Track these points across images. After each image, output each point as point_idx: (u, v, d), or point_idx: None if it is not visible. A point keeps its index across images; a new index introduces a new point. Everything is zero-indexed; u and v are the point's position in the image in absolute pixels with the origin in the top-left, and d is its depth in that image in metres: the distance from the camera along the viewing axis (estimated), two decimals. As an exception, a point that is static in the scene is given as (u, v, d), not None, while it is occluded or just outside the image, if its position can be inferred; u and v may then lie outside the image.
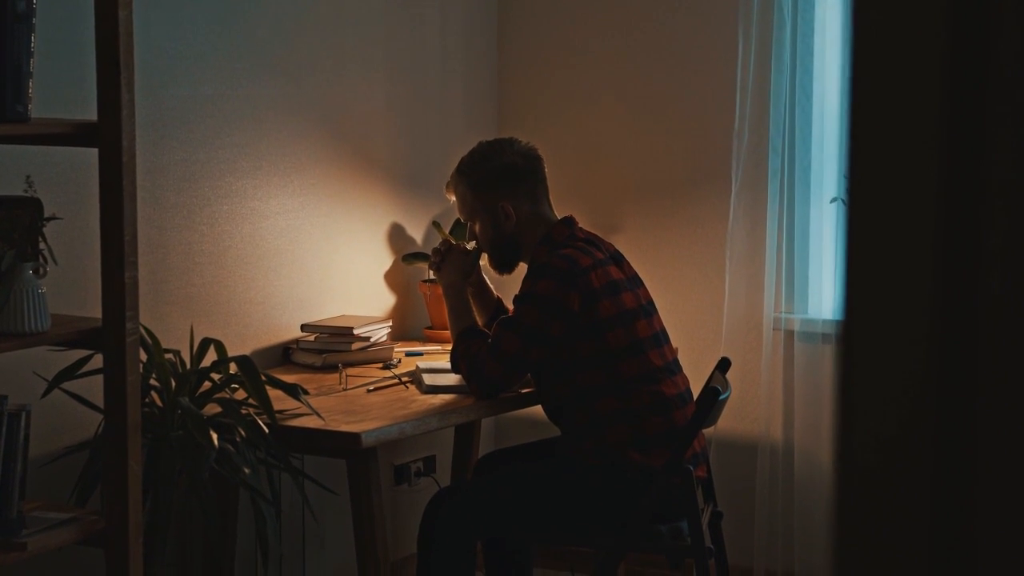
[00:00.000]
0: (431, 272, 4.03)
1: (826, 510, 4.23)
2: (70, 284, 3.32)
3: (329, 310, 4.19)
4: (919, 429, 0.70)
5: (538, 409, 3.71)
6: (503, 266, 3.72)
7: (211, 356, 3.37)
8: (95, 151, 2.87)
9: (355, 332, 4.02)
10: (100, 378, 2.94)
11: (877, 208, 0.69)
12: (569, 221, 3.65)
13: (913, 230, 0.69)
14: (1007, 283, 0.68)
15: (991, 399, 0.69)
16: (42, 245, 2.90)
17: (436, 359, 4.05)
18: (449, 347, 3.75)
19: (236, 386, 3.33)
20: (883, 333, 0.70)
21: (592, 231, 3.72)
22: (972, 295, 0.68)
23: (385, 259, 4.42)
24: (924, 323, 0.69)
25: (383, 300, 4.42)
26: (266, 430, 3.22)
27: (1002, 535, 0.69)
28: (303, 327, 4.06)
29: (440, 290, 3.91)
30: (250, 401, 3.28)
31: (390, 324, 4.22)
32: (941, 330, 0.69)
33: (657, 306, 3.67)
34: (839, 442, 0.72)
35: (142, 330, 3.03)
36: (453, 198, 3.79)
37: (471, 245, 3.77)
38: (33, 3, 2.78)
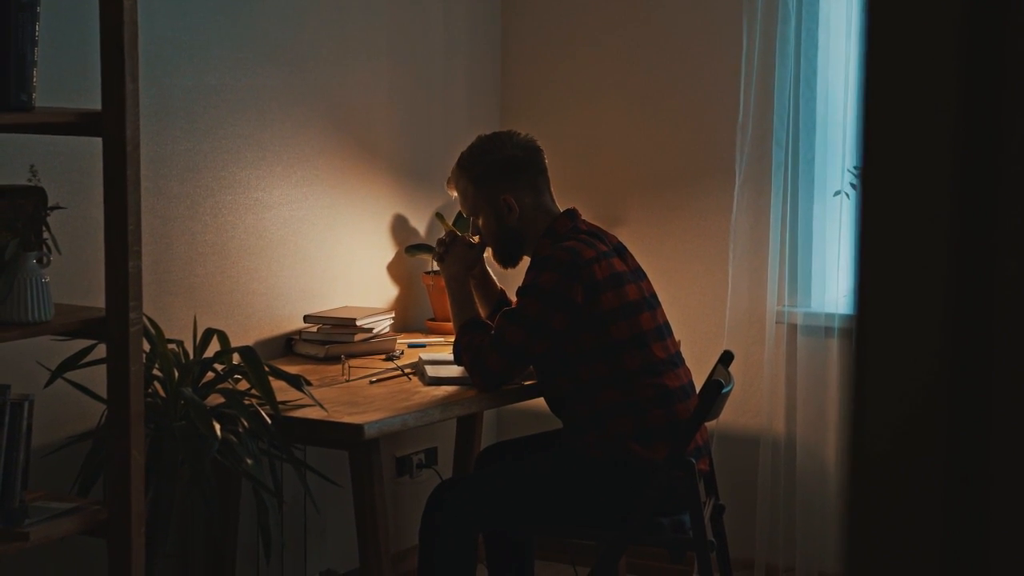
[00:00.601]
0: (434, 263, 4.03)
1: (829, 503, 4.23)
2: (73, 274, 3.32)
3: (332, 301, 4.19)
4: (932, 419, 0.69)
5: (540, 401, 3.71)
6: (507, 260, 3.72)
7: (214, 346, 3.37)
8: (99, 140, 2.87)
9: (358, 323, 4.02)
10: (103, 368, 2.94)
11: (891, 197, 0.69)
12: (572, 213, 3.65)
13: (927, 218, 0.68)
14: (1022, 271, 0.67)
15: (1005, 388, 0.68)
16: (46, 234, 2.90)
17: (439, 351, 4.05)
18: (452, 339, 3.74)
19: (239, 377, 3.33)
20: (897, 322, 0.70)
21: (595, 223, 3.72)
22: (987, 284, 0.68)
23: (388, 250, 4.42)
24: (938, 312, 0.69)
25: (386, 291, 4.42)
26: (269, 421, 3.22)
27: (1014, 526, 0.69)
28: (306, 318, 4.06)
29: (443, 282, 3.91)
30: (253, 392, 3.28)
31: (393, 315, 4.22)
32: (955, 319, 0.69)
33: (660, 299, 3.67)
34: (851, 432, 0.72)
35: (145, 320, 3.03)
36: (455, 194, 3.79)
37: (475, 239, 3.76)
38: (38, -8, 2.78)
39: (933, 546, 0.69)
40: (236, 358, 3.32)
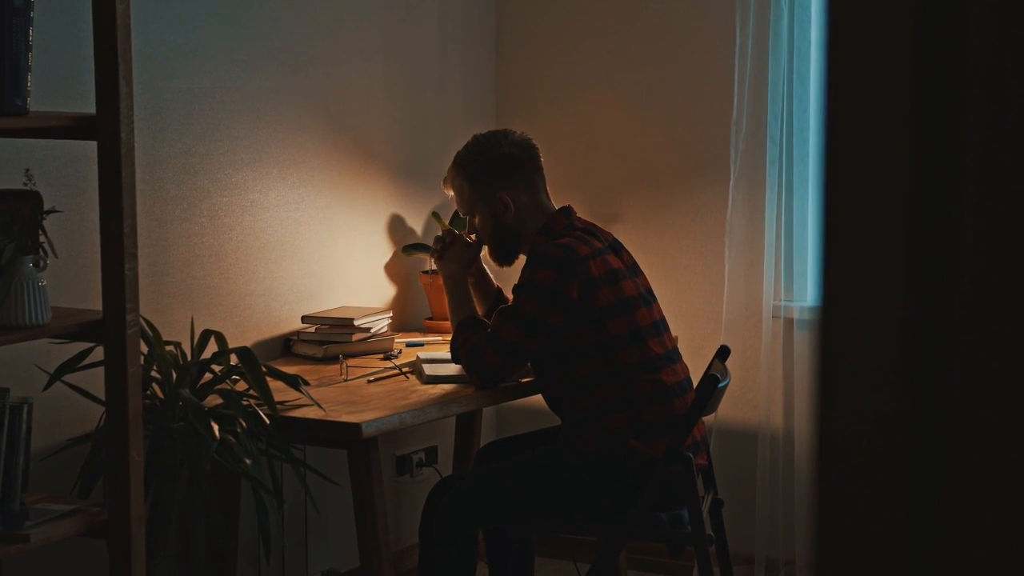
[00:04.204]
0: (431, 262, 4.04)
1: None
2: (70, 277, 3.33)
3: (329, 301, 4.20)
4: (896, 413, 0.71)
5: (539, 398, 3.72)
6: (503, 258, 3.73)
7: (212, 348, 3.38)
8: (94, 144, 2.88)
9: (355, 323, 4.03)
10: (101, 370, 2.95)
11: (852, 195, 0.70)
12: (567, 211, 3.66)
13: (887, 216, 0.70)
14: (981, 266, 0.69)
15: (966, 383, 0.70)
16: (42, 238, 2.91)
17: (436, 349, 4.06)
18: (449, 337, 3.76)
19: (237, 377, 3.34)
20: (860, 319, 0.71)
21: (591, 221, 3.73)
22: (947, 280, 0.69)
23: (385, 250, 4.43)
24: (900, 308, 0.70)
25: (383, 291, 4.43)
26: (267, 421, 3.23)
27: (974, 519, 0.70)
28: (304, 319, 4.07)
29: (440, 281, 3.92)
30: (251, 392, 3.29)
31: (390, 315, 4.23)
32: (917, 315, 0.70)
33: (657, 295, 3.68)
34: (817, 428, 0.73)
35: (143, 322, 3.04)
36: (451, 193, 3.80)
37: (472, 238, 3.77)
38: (31, -3, 2.79)
39: (897, 538, 0.70)
40: (234, 359, 3.33)
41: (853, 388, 0.71)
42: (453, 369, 3.71)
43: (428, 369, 3.74)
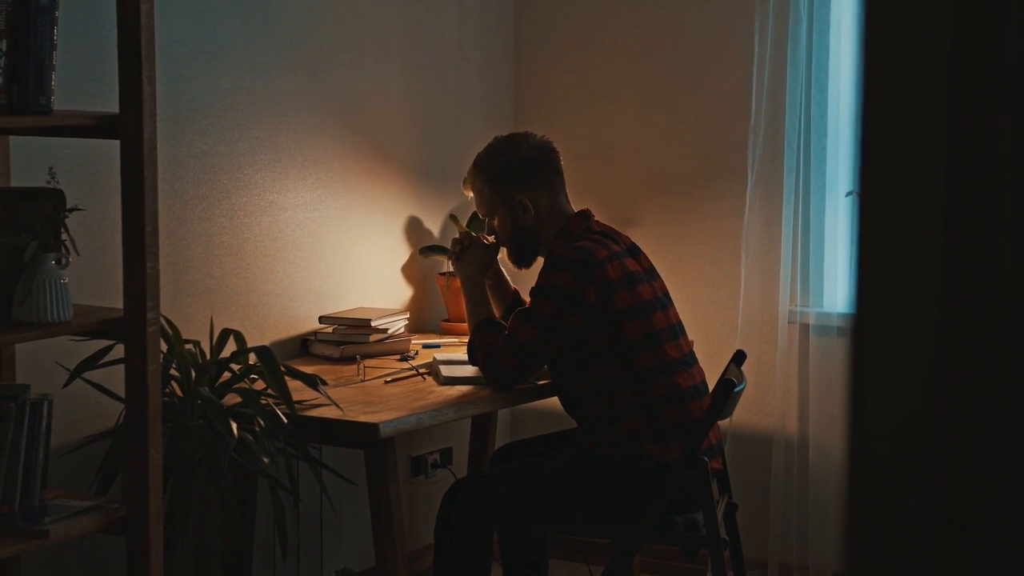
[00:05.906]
0: (449, 264, 4.05)
1: (839, 501, 4.25)
2: (92, 275, 3.35)
3: (347, 302, 4.22)
4: (929, 416, 0.72)
5: (554, 401, 3.73)
6: (522, 260, 3.74)
7: (230, 347, 3.40)
8: (117, 143, 2.89)
9: (373, 324, 4.04)
10: (121, 368, 2.97)
11: (888, 199, 0.71)
12: (585, 214, 3.67)
13: (923, 220, 0.71)
14: (1014, 269, 0.70)
15: (999, 386, 0.71)
16: (64, 236, 2.92)
17: (453, 351, 4.07)
18: (466, 339, 3.77)
19: (255, 376, 3.36)
20: (894, 321, 0.72)
21: (608, 224, 3.74)
22: (980, 283, 0.70)
23: (402, 252, 4.44)
24: (934, 311, 0.71)
25: (400, 292, 4.45)
26: (285, 420, 3.24)
27: (1007, 521, 0.71)
28: (321, 319, 4.08)
29: (457, 282, 3.93)
30: (269, 391, 3.30)
31: (407, 316, 4.24)
32: (951, 318, 0.71)
33: (673, 299, 3.69)
34: (851, 430, 0.74)
35: (163, 321, 3.06)
36: (470, 194, 3.81)
37: (490, 239, 3.79)
38: (56, -3, 2.82)
39: (929, 539, 0.71)
40: (252, 358, 3.34)
41: (886, 389, 0.72)
42: (470, 371, 3.72)
43: (445, 370, 3.75)
